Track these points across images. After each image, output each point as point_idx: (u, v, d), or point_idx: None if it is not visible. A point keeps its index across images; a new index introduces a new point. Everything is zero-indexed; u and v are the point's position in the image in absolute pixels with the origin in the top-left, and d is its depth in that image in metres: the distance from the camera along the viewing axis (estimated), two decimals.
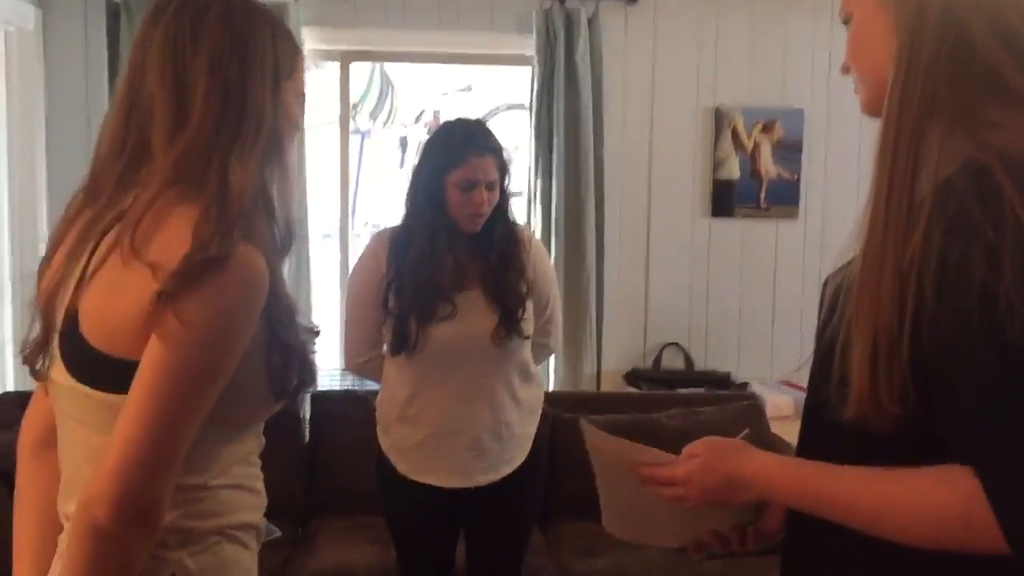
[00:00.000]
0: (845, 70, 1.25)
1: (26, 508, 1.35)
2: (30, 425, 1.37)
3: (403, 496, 2.43)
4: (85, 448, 1.20)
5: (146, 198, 1.16)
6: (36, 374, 1.26)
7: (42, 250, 1.32)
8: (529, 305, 2.41)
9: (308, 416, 3.57)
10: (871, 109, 1.20)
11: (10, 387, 3.71)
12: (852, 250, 1.15)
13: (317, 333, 1.34)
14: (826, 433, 1.16)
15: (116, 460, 1.09)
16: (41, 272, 1.26)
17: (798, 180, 4.39)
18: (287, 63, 1.27)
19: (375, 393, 2.55)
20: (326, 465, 3.42)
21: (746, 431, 1.39)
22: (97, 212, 1.22)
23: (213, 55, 1.19)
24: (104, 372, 1.15)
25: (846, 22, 1.24)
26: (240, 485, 1.27)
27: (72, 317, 1.17)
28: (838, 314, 1.13)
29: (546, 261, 2.55)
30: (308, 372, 1.27)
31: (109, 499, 1.09)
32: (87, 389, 1.17)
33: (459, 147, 2.32)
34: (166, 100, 1.19)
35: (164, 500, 1.12)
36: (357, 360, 2.52)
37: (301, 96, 1.32)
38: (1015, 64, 1.08)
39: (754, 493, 1.21)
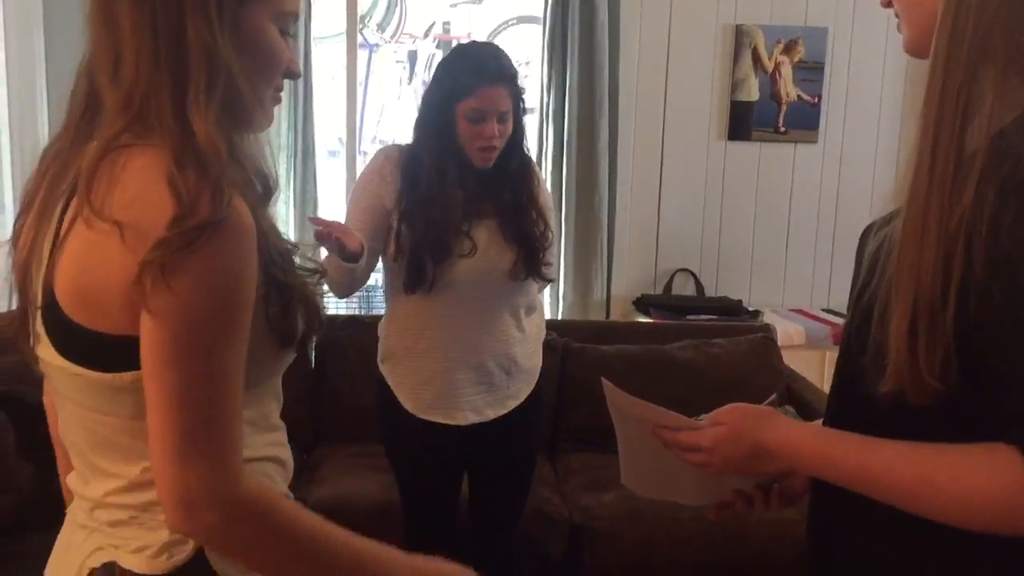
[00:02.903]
0: (887, 3, 1.15)
1: None
2: (52, 409, 1.25)
3: (410, 436, 2.38)
4: (86, 430, 1.10)
5: (96, 150, 1.02)
6: (24, 354, 1.12)
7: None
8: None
9: (314, 342, 3.52)
10: (914, 49, 1.11)
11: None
12: (895, 201, 1.07)
13: (321, 272, 1.19)
14: (859, 404, 1.09)
15: (166, 453, 0.98)
16: (15, 236, 1.13)
17: (819, 103, 4.26)
18: None
19: (379, 318, 2.47)
20: (332, 391, 3.38)
21: (773, 396, 1.33)
22: (59, 169, 1.09)
23: None
24: (95, 350, 1.03)
25: None
26: (265, 457, 1.16)
27: (49, 290, 1.04)
28: (877, 277, 1.05)
29: (545, 190, 2.47)
30: (314, 314, 1.14)
31: (205, 500, 0.98)
32: (79, 368, 1.04)
33: (470, 75, 2.19)
34: (101, 41, 1.05)
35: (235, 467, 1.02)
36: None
37: (286, 16, 1.11)
38: None
39: (781, 464, 1.16)
